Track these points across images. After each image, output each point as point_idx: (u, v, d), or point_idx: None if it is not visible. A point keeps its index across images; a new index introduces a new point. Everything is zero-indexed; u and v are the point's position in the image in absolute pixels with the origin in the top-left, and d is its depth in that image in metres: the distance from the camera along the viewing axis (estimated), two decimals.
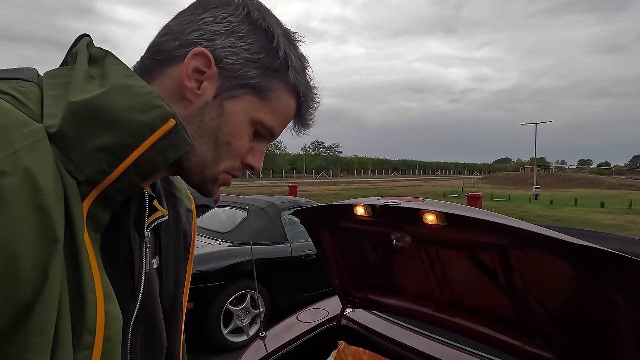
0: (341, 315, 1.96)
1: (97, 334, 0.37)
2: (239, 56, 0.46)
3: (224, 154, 0.48)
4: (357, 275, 1.82)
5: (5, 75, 0.39)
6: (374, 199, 1.37)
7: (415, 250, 1.38)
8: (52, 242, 0.34)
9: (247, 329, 3.66)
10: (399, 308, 1.70)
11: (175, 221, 0.58)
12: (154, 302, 0.52)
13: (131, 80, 0.40)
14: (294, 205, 4.51)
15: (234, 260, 3.59)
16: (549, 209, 16.83)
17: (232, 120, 0.47)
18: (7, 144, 0.32)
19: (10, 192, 0.31)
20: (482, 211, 1.15)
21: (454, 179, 68.08)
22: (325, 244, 1.78)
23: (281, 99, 0.49)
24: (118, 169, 0.38)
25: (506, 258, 1.12)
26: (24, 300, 0.32)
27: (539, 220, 13.04)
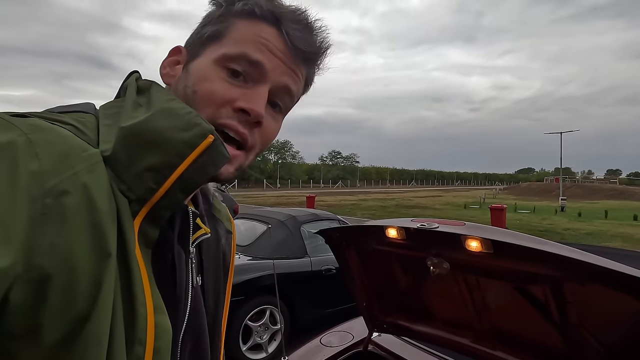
0: (368, 339, 1.85)
1: (147, 344, 0.39)
2: (197, 29, 0.52)
3: (195, 104, 0.47)
4: (385, 299, 1.72)
5: (67, 109, 0.44)
6: (407, 220, 1.28)
7: (451, 277, 1.28)
8: (105, 257, 0.36)
9: (266, 345, 3.57)
10: (432, 336, 1.58)
11: (215, 241, 0.60)
12: (200, 317, 0.53)
13: (173, 104, 0.44)
14: (313, 218, 4.43)
15: (254, 275, 3.53)
16: (577, 221, 16.09)
17: (194, 71, 0.49)
18: (69, 166, 0.35)
19: (71, 210, 0.34)
20: (531, 237, 1.04)
21: (474, 189, 66.52)
22: (351, 264, 1.69)
23: (239, 28, 0.48)
24: (164, 186, 0.40)
25: (560, 291, 1.01)
26: (80, 312, 0.34)
27: (567, 233, 12.47)
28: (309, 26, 0.50)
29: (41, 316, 0.33)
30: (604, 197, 34.69)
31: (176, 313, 0.47)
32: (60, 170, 0.35)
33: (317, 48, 0.51)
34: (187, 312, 0.50)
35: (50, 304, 0.33)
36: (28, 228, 0.32)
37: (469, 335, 1.41)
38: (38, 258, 0.32)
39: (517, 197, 36.98)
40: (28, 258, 0.32)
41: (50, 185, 0.34)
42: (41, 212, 0.33)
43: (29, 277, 0.32)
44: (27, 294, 0.32)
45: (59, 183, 0.34)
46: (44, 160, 0.34)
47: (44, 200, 0.33)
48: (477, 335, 1.38)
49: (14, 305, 0.32)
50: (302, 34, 0.49)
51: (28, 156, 0.34)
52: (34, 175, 0.33)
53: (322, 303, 3.98)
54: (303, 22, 0.50)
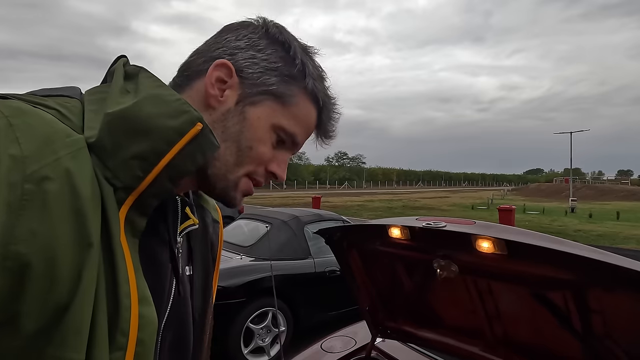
0: (371, 345, 1.75)
1: (130, 335, 0.38)
2: (258, 65, 0.49)
3: (245, 157, 0.49)
4: (389, 303, 1.62)
5: (51, 92, 0.43)
6: (412, 219, 1.18)
7: (461, 280, 1.18)
8: (86, 246, 0.35)
9: (267, 348, 3.48)
10: (439, 343, 1.48)
11: (203, 231, 0.60)
12: (184, 308, 0.52)
13: (161, 90, 0.43)
14: (317, 219, 4.34)
15: (256, 276, 3.45)
16: (588, 223, 15.73)
17: (253, 124, 0.49)
18: (51, 151, 0.35)
19: (52, 197, 0.34)
20: (549, 237, 0.94)
21: (482, 190, 65.79)
22: (353, 266, 1.60)
23: (300, 104, 0.51)
24: (151, 174, 0.40)
25: (584, 298, 0.90)
26: (59, 300, 0.34)
27: (578, 235, 12.19)
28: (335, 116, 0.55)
29: (19, 305, 0.32)
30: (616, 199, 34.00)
31: (159, 303, 0.46)
32: (42, 156, 0.34)
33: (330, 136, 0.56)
34: (170, 302, 0.49)
35: (29, 292, 0.33)
36: (6, 214, 0.31)
37: (479, 344, 1.31)
38: (17, 245, 0.32)
39: (526, 198, 36.45)
40: (6, 244, 0.31)
41: (31, 171, 0.33)
42: (21, 198, 0.32)
43: (7, 265, 0.32)
44: (4, 281, 0.32)
45: (40, 169, 0.33)
46: (25, 145, 0.33)
47: (24, 185, 0.32)
48: (489, 344, 1.27)
49: None
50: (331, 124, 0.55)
51: (8, 140, 0.33)
52: (13, 159, 0.32)
53: (326, 305, 3.89)
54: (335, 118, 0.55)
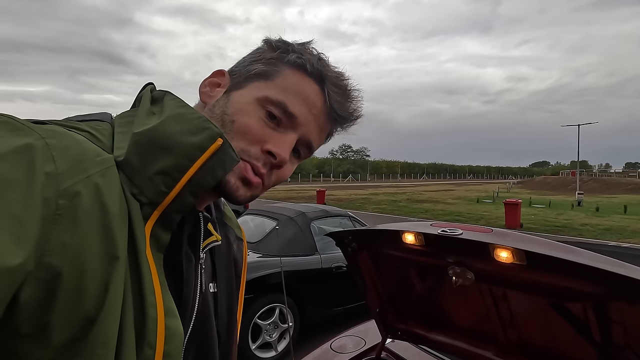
0: (381, 346, 1.75)
1: (157, 347, 0.39)
2: (245, 61, 0.53)
3: (230, 132, 0.49)
4: (400, 305, 1.62)
5: (85, 118, 0.46)
6: (426, 225, 1.17)
7: (476, 287, 1.17)
8: (113, 259, 0.37)
9: (275, 344, 3.51)
10: (450, 346, 1.47)
11: (227, 248, 0.60)
12: (207, 324, 0.53)
13: (183, 109, 0.45)
14: (323, 215, 4.34)
15: (263, 272, 3.47)
16: (594, 216, 15.60)
17: (235, 101, 0.50)
18: (83, 169, 0.37)
19: (83, 211, 0.35)
20: (569, 248, 0.92)
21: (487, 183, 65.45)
22: (363, 268, 1.59)
23: (288, 76, 0.50)
24: (175, 189, 0.41)
25: (604, 309, 0.89)
26: (88, 312, 0.35)
27: (585, 229, 12.10)
28: (348, 92, 0.53)
29: (49, 315, 0.33)
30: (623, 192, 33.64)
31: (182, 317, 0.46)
32: (75, 173, 0.36)
33: (349, 114, 0.53)
34: (194, 317, 0.49)
35: (58, 304, 0.34)
36: (41, 227, 0.33)
37: (492, 349, 1.30)
38: (49, 257, 0.33)
39: (532, 191, 36.20)
40: (40, 256, 0.33)
41: (64, 187, 0.35)
42: (55, 212, 0.34)
43: (40, 276, 0.33)
44: (37, 292, 0.33)
45: (72, 185, 0.35)
46: (60, 163, 0.35)
47: (58, 201, 0.34)
48: (502, 349, 1.27)
49: (23, 303, 0.32)
50: (341, 99, 0.52)
51: (44, 158, 0.35)
52: (49, 176, 0.34)
53: (333, 301, 3.90)
54: (344, 87, 0.52)
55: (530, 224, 12.66)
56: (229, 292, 0.59)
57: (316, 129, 0.52)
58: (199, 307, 0.50)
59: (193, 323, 0.49)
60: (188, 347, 0.49)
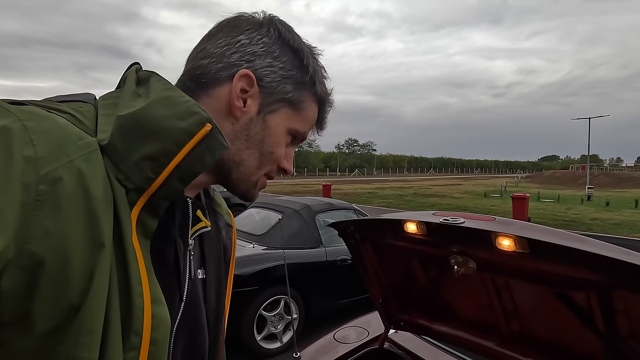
0: (384, 337, 1.76)
1: (143, 335, 0.39)
2: (276, 74, 0.51)
3: (266, 161, 0.53)
4: (403, 296, 1.61)
5: (67, 98, 0.45)
6: (429, 214, 1.16)
7: (478, 276, 1.16)
8: (98, 247, 0.36)
9: (280, 335, 3.55)
10: (453, 336, 1.47)
11: (216, 235, 0.60)
12: (197, 310, 0.53)
13: (171, 92, 0.43)
14: (328, 208, 4.34)
15: (268, 264, 3.49)
16: (604, 211, 15.38)
17: (273, 132, 0.52)
18: (64, 153, 0.35)
19: (65, 197, 0.34)
20: (572, 236, 0.91)
21: (494, 177, 64.81)
22: (366, 259, 1.59)
23: (310, 108, 0.54)
24: (161, 175, 0.40)
25: (609, 298, 0.87)
26: (71, 300, 0.34)
27: (594, 223, 11.95)
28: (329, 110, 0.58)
29: (32, 303, 0.33)
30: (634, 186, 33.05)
31: (172, 304, 0.46)
32: (56, 157, 0.35)
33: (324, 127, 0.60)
34: (182, 304, 0.49)
35: (41, 291, 0.33)
36: (21, 214, 0.32)
37: (495, 339, 1.29)
38: (31, 244, 0.32)
39: (540, 185, 35.77)
40: (21, 244, 0.32)
41: (45, 172, 0.34)
42: (35, 198, 0.33)
43: (21, 263, 0.32)
44: (18, 280, 0.32)
45: (53, 170, 0.34)
46: (39, 147, 0.34)
47: (38, 186, 0.33)
48: (505, 340, 1.26)
49: (4, 291, 0.32)
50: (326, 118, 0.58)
51: (23, 142, 0.34)
52: (28, 161, 0.33)
53: (337, 294, 3.92)
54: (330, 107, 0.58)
55: (539, 219, 12.53)
56: (218, 278, 0.59)
57: None
58: (188, 294, 0.50)
59: (182, 310, 0.49)
60: (178, 334, 0.49)
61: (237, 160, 0.51)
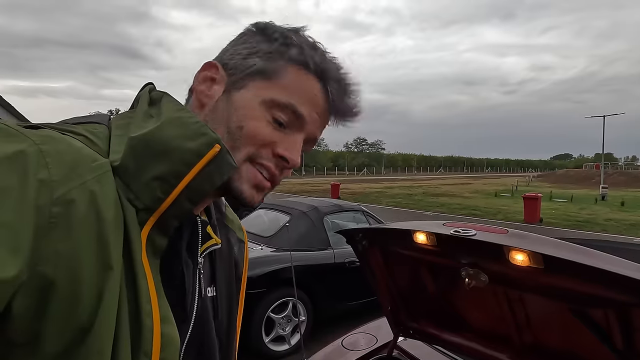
0: (393, 344, 1.74)
1: (152, 355, 0.39)
2: (240, 54, 0.50)
3: (238, 139, 0.47)
4: (412, 304, 1.59)
5: (81, 120, 0.46)
6: (439, 225, 1.13)
7: (490, 289, 1.13)
8: (107, 268, 0.36)
9: (288, 337, 3.55)
10: (463, 346, 1.44)
11: (227, 251, 0.59)
12: (207, 329, 0.52)
13: (181, 113, 0.44)
14: (337, 210, 4.33)
15: (276, 267, 3.49)
16: (619, 211, 15.04)
17: (240, 104, 0.48)
18: (77, 175, 0.36)
19: (77, 219, 0.35)
20: (588, 251, 0.88)
21: (505, 176, 63.93)
22: (374, 267, 1.57)
23: (290, 74, 0.48)
24: (171, 195, 0.40)
25: (627, 317, 0.84)
26: (81, 321, 0.35)
27: (609, 224, 11.69)
28: (348, 88, 0.51)
29: (42, 324, 0.33)
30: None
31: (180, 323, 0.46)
32: (69, 180, 0.35)
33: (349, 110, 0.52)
34: (192, 323, 0.49)
35: (52, 313, 0.33)
36: (35, 236, 0.32)
37: (507, 351, 1.26)
38: (43, 265, 0.33)
39: (553, 185, 35.15)
40: (33, 266, 0.32)
41: (59, 194, 0.34)
42: (48, 221, 0.33)
43: (33, 284, 0.32)
44: (30, 301, 0.33)
45: (67, 192, 0.35)
46: (54, 170, 0.35)
47: (52, 208, 0.34)
48: (517, 352, 1.23)
49: (16, 313, 0.32)
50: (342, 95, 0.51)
51: (38, 165, 0.34)
52: (42, 183, 0.34)
53: (345, 296, 3.91)
54: (344, 82, 0.51)
55: (551, 219, 12.30)
56: (229, 295, 0.58)
57: (320, 126, 0.52)
58: (198, 313, 0.50)
59: (191, 329, 0.49)
60: (187, 353, 0.48)
61: None
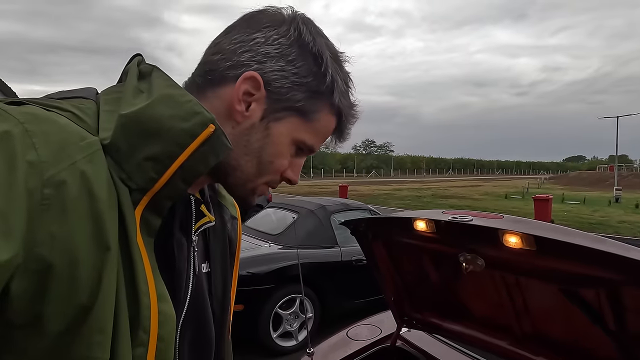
0: (396, 335, 1.77)
1: (151, 332, 0.39)
2: (287, 79, 0.48)
3: (266, 170, 0.50)
4: (414, 294, 1.63)
5: (67, 94, 0.44)
6: (438, 212, 1.18)
7: (488, 275, 1.17)
8: (105, 249, 0.36)
9: (295, 333, 3.60)
10: (465, 335, 1.47)
11: (221, 228, 0.60)
12: (202, 305, 0.53)
13: (173, 90, 0.42)
14: (344, 208, 4.37)
15: (283, 264, 3.55)
16: (634, 213, 14.72)
17: (276, 141, 0.49)
18: (67, 156, 0.35)
19: (70, 200, 0.34)
20: (581, 233, 0.91)
21: (516, 178, 63.05)
22: (378, 257, 1.62)
23: (323, 119, 0.51)
24: (164, 175, 0.40)
25: (618, 296, 0.87)
26: (82, 301, 0.35)
27: (622, 226, 11.47)
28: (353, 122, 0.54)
29: (43, 306, 0.33)
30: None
31: (176, 301, 0.47)
32: (59, 160, 0.35)
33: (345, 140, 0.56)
34: (187, 300, 0.50)
35: (52, 294, 0.34)
36: (28, 219, 0.32)
37: (507, 338, 1.29)
38: (39, 248, 0.33)
39: (565, 187, 34.56)
40: (29, 248, 0.32)
41: (49, 176, 0.34)
42: (40, 202, 0.33)
43: (30, 267, 0.33)
44: (28, 283, 0.33)
45: (57, 173, 0.34)
46: (42, 151, 0.34)
47: (43, 190, 0.33)
48: (517, 338, 1.26)
49: (15, 295, 0.33)
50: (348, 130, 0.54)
51: (25, 147, 0.34)
52: (31, 166, 0.33)
53: (353, 294, 3.93)
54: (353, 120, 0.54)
55: (563, 221, 12.12)
56: (224, 271, 0.59)
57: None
58: (193, 290, 0.51)
59: (187, 305, 0.50)
60: (184, 329, 0.49)
61: (233, 165, 0.49)
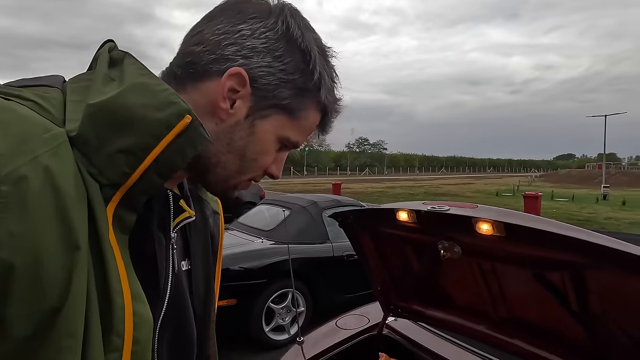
0: (382, 324, 1.84)
1: (125, 335, 0.37)
2: (274, 76, 0.46)
3: (249, 167, 0.49)
4: (400, 283, 1.69)
5: (29, 82, 0.40)
6: (419, 203, 1.24)
7: (465, 262, 1.23)
8: (73, 248, 0.34)
9: (287, 327, 3.66)
10: (447, 322, 1.55)
11: (202, 223, 0.58)
12: (182, 305, 0.51)
13: (146, 78, 0.40)
14: (336, 205, 4.43)
15: (276, 259, 3.60)
16: (620, 210, 15.06)
17: (261, 139, 0.48)
18: (29, 149, 0.32)
19: (32, 197, 0.32)
20: (547, 221, 0.98)
21: (507, 176, 63.82)
22: (365, 248, 1.68)
23: (309, 116, 0.50)
24: (138, 169, 0.37)
25: (580, 278, 0.94)
26: (50, 304, 0.33)
27: (609, 222, 11.74)
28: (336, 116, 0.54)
29: (5, 309, 0.31)
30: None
31: (154, 301, 0.44)
32: (18, 154, 0.32)
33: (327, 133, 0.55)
34: (166, 299, 0.48)
35: (14, 296, 0.31)
36: None
37: (485, 322, 1.37)
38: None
39: (555, 184, 35.11)
40: None
41: (7, 172, 0.31)
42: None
43: None
44: None
45: (16, 168, 0.31)
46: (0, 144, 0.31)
47: (0, 187, 0.31)
48: (494, 323, 1.33)
49: None
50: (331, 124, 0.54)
51: None
52: None
53: (343, 288, 4.00)
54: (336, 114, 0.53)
55: (552, 218, 12.36)
56: (206, 267, 0.57)
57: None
58: (172, 289, 0.48)
59: (166, 305, 0.47)
60: (162, 330, 0.47)
61: (214, 162, 0.47)
